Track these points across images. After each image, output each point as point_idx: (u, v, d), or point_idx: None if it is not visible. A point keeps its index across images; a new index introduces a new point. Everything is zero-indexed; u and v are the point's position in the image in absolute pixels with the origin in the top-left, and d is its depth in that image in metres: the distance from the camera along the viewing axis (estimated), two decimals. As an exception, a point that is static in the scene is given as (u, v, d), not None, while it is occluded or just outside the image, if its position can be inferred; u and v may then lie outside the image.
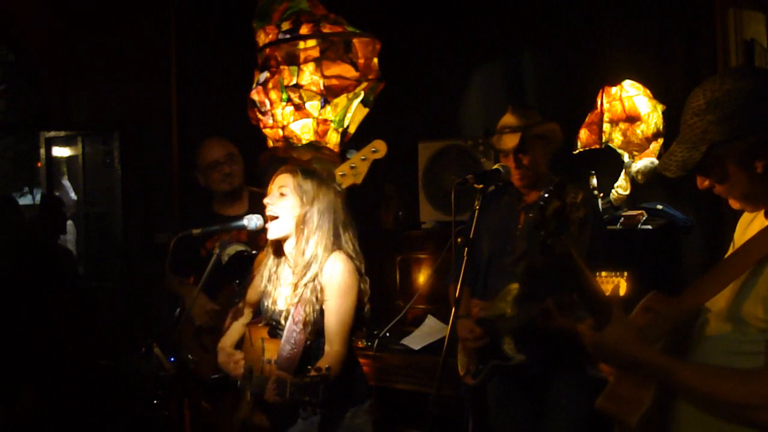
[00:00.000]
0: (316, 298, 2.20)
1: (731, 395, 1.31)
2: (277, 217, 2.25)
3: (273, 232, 2.26)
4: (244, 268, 2.84)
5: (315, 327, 2.21)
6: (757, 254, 1.38)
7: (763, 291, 1.35)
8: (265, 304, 2.34)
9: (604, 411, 1.47)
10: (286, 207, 2.24)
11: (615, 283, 2.14)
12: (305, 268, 2.21)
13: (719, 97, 1.39)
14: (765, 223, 1.43)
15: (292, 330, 2.20)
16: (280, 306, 2.29)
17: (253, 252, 2.83)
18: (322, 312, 2.23)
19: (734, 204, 1.48)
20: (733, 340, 1.38)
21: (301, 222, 2.22)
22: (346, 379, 2.28)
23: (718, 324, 1.42)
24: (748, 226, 1.53)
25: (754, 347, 1.35)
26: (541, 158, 2.56)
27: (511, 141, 2.51)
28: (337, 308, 2.21)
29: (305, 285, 2.20)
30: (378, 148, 2.41)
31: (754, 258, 1.38)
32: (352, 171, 2.39)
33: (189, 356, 2.89)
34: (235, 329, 2.50)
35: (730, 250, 1.61)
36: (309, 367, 2.02)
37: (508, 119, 2.58)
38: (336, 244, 2.25)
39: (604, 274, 2.16)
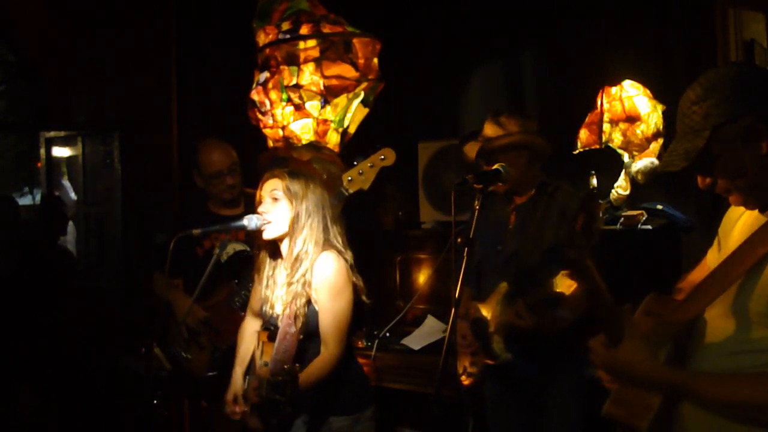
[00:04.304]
0: (306, 291, 2.22)
1: (751, 399, 1.30)
2: (271, 222, 2.29)
3: (268, 233, 2.30)
4: (243, 268, 2.84)
5: (305, 322, 2.21)
6: (758, 253, 1.36)
7: (767, 289, 1.34)
8: (264, 309, 2.36)
9: (612, 417, 1.45)
10: (281, 210, 2.28)
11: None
12: (296, 263, 2.23)
13: (716, 82, 1.40)
14: (762, 220, 1.42)
15: (285, 332, 2.21)
16: (278, 310, 2.30)
17: (254, 251, 2.82)
18: (313, 309, 2.23)
19: (736, 199, 1.46)
20: (736, 339, 1.38)
21: (294, 221, 2.26)
22: (345, 381, 2.28)
23: (720, 324, 1.41)
24: (738, 224, 1.51)
25: (757, 345, 1.35)
26: (521, 167, 2.52)
27: (472, 151, 2.54)
28: (331, 308, 2.22)
29: (297, 281, 2.22)
30: (386, 156, 2.56)
31: (754, 257, 1.37)
32: (360, 177, 2.54)
33: (183, 354, 2.89)
34: (239, 376, 2.45)
35: (714, 246, 1.61)
36: (285, 366, 2.05)
37: (486, 128, 2.57)
38: (326, 239, 2.27)
39: None
